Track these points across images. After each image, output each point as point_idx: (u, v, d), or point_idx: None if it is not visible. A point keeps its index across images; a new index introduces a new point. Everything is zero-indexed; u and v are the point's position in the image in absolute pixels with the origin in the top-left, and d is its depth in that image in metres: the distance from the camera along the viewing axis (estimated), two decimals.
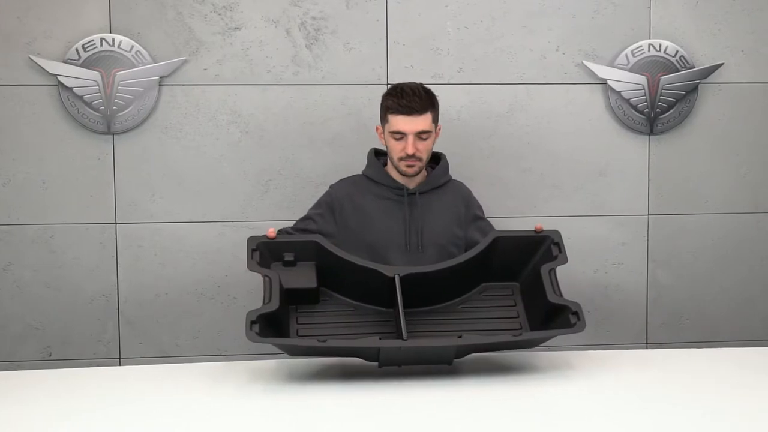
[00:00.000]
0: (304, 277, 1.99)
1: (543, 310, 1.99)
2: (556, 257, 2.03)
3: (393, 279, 1.96)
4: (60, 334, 2.65)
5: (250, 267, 1.96)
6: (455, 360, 1.91)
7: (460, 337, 1.90)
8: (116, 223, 2.64)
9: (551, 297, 1.95)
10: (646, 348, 2.79)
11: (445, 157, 2.38)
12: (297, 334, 1.96)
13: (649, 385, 1.80)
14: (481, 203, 2.58)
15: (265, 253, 2.01)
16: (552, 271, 2.00)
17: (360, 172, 2.38)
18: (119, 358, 2.67)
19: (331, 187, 2.37)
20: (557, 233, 2.08)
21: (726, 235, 2.80)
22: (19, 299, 2.63)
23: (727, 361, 2.03)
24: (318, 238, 2.07)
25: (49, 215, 2.61)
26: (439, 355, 1.88)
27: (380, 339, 1.91)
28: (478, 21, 2.69)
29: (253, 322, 1.80)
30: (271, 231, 2.03)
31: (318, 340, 1.84)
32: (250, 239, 2.01)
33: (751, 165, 2.79)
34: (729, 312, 2.82)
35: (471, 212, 2.37)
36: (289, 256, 2.01)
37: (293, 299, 2.00)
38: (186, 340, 2.68)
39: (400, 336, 1.86)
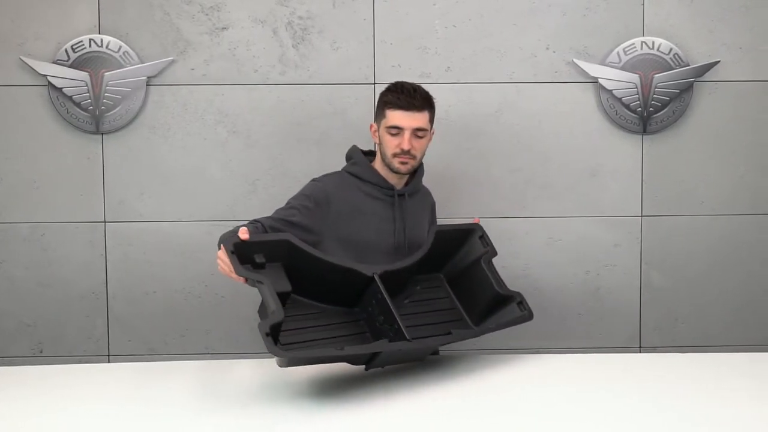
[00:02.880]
0: (276, 281, 1.80)
1: (485, 301, 2.10)
2: (487, 250, 2.15)
3: (368, 278, 1.93)
4: (51, 331, 2.69)
5: (238, 272, 1.76)
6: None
7: (450, 333, 1.96)
8: (105, 222, 2.67)
9: (500, 288, 2.09)
10: (639, 352, 2.73)
11: (422, 163, 2.34)
12: (280, 342, 1.84)
13: (641, 390, 1.76)
14: (469, 203, 2.56)
15: (240, 255, 1.79)
16: (490, 263, 2.13)
17: (340, 170, 2.28)
18: (108, 356, 2.70)
19: (318, 180, 2.21)
20: (480, 226, 2.21)
21: (723, 237, 2.73)
22: (11, 296, 2.67)
23: (723, 366, 1.98)
24: (288, 236, 1.89)
25: (40, 214, 2.66)
26: (422, 352, 1.93)
27: (389, 342, 1.84)
28: (466, 19, 2.66)
29: (267, 334, 1.64)
30: (244, 231, 1.82)
31: (335, 348, 1.78)
32: (226, 241, 1.79)
33: (749, 165, 2.72)
34: (726, 316, 2.75)
35: (433, 217, 2.41)
36: (260, 258, 1.81)
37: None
38: (174, 338, 2.70)
39: (401, 337, 1.84)
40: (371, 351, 1.80)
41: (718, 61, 2.66)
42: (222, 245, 1.80)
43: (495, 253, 2.16)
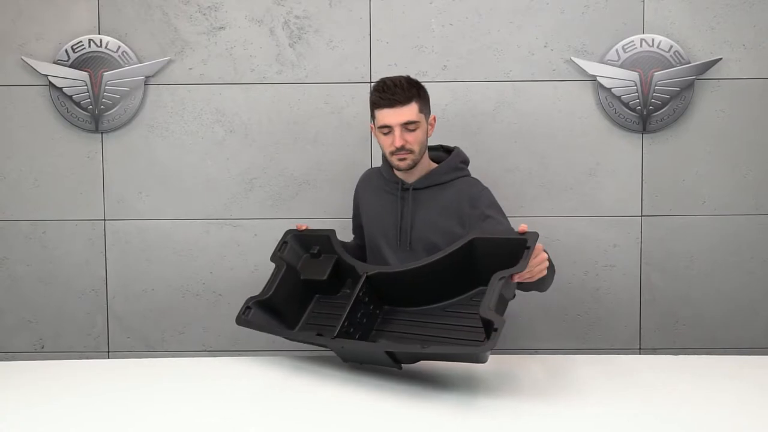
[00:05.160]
0: (319, 270, 2.13)
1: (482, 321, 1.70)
2: (517, 263, 1.71)
3: (367, 276, 1.95)
4: (52, 327, 2.73)
5: (272, 258, 2.19)
6: (420, 362, 1.88)
7: (375, 342, 1.90)
8: (105, 220, 2.70)
9: (482, 309, 1.65)
10: (639, 353, 2.69)
11: (457, 152, 2.25)
12: (305, 322, 2.11)
13: (641, 393, 1.72)
14: None
15: (295, 245, 2.21)
16: (502, 280, 1.69)
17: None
18: (108, 352, 2.73)
19: (359, 179, 2.44)
20: (534, 235, 1.76)
21: (725, 237, 2.68)
22: (13, 293, 2.72)
23: (724, 369, 1.93)
24: (329, 232, 2.19)
25: (41, 211, 2.69)
26: (378, 358, 1.82)
27: (316, 335, 1.90)
28: (463, 17, 2.65)
29: (248, 308, 2.06)
30: (301, 225, 2.26)
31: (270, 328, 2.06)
32: (287, 232, 2.24)
33: (751, 165, 2.66)
34: (727, 317, 2.70)
35: (478, 211, 2.14)
36: (314, 249, 2.18)
37: (315, 289, 2.15)
38: (172, 336, 2.72)
39: (355, 337, 1.87)
40: (310, 341, 1.92)
41: (720, 59, 2.61)
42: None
43: (521, 269, 1.70)
